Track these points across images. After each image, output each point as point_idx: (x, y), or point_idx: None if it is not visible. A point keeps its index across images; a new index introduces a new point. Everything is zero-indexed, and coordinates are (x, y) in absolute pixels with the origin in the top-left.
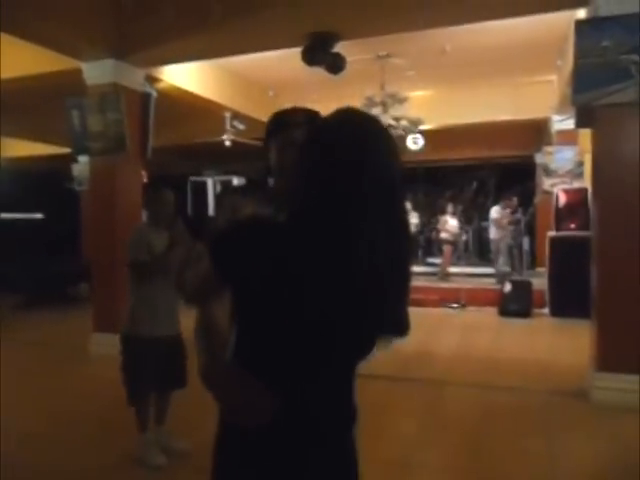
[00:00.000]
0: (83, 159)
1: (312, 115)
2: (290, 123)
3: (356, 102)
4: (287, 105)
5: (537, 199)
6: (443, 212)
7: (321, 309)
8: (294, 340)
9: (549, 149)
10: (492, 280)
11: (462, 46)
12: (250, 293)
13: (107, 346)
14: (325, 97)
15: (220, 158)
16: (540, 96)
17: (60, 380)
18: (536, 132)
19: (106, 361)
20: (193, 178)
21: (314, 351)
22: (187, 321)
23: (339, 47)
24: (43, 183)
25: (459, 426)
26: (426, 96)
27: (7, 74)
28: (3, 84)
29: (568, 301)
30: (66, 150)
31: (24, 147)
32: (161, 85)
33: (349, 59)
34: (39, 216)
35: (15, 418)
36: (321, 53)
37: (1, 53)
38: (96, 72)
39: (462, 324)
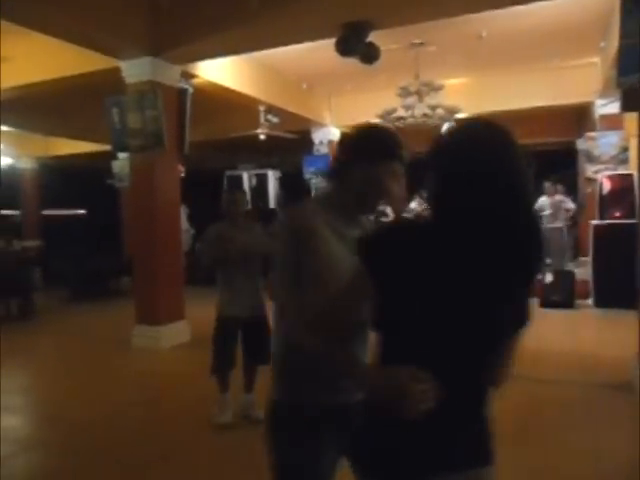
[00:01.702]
0: (123, 156)
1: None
2: (399, 156)
3: (391, 91)
4: (321, 97)
5: (586, 189)
6: None
7: (471, 299)
8: (448, 331)
9: (592, 134)
10: None
11: (499, 31)
12: (404, 290)
13: (149, 338)
14: (359, 87)
15: (255, 151)
16: (582, 79)
17: (106, 370)
18: (578, 117)
19: (148, 352)
20: (229, 172)
21: (467, 339)
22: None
23: (372, 37)
24: (85, 180)
25: (501, 418)
26: (462, 83)
27: (51, 75)
28: (47, 85)
29: (613, 291)
30: (106, 148)
31: (68, 145)
32: (197, 81)
33: (382, 48)
34: (82, 212)
35: (64, 406)
36: (355, 43)
37: (44, 55)
38: (134, 70)
39: None
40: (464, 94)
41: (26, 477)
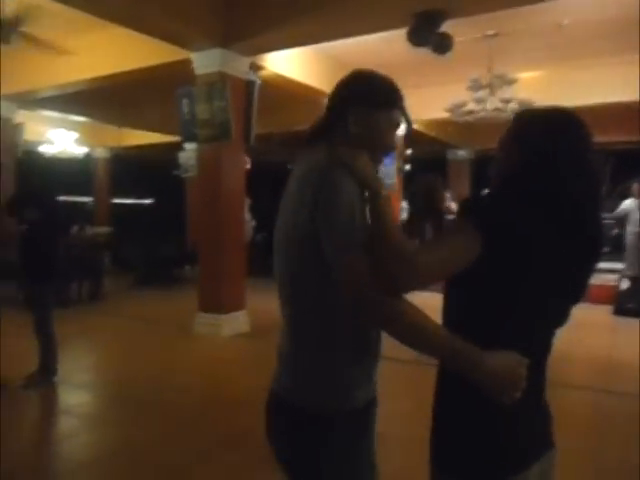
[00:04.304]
0: (189, 147)
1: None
2: (400, 103)
3: (460, 85)
4: None
5: None
6: None
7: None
8: (527, 304)
9: None
10: (606, 276)
11: (581, 19)
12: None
13: (210, 325)
14: (428, 80)
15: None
16: None
17: (168, 354)
18: None
19: (209, 339)
20: (291, 165)
21: (541, 315)
22: None
23: (445, 27)
24: (153, 170)
25: (571, 431)
26: (538, 76)
27: (124, 67)
28: (120, 77)
29: None
30: (174, 139)
31: (138, 136)
32: (264, 73)
33: (454, 40)
34: (149, 201)
35: (128, 386)
36: (427, 33)
37: (118, 47)
38: (204, 61)
39: (571, 321)
40: (539, 88)
41: (87, 454)
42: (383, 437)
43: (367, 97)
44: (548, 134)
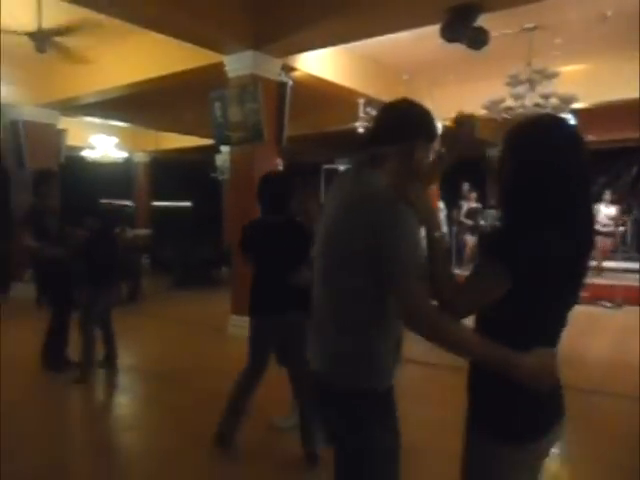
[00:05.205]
0: (225, 149)
1: None
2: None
3: (499, 81)
4: (423, 88)
5: None
6: (598, 200)
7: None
8: (560, 305)
9: None
10: None
11: (627, 10)
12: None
13: (243, 328)
14: (463, 77)
15: (353, 145)
16: None
17: (202, 357)
18: None
19: (242, 342)
20: (326, 166)
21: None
22: None
23: (481, 21)
24: (191, 173)
25: (614, 443)
26: (580, 70)
27: (159, 72)
28: (157, 82)
29: None
30: (211, 142)
31: (176, 140)
32: (296, 74)
33: (490, 35)
34: (188, 204)
35: (161, 388)
36: (462, 28)
37: (154, 53)
38: (237, 64)
39: (617, 326)
40: (582, 82)
41: (120, 457)
42: (414, 449)
43: (429, 131)
44: (537, 141)
